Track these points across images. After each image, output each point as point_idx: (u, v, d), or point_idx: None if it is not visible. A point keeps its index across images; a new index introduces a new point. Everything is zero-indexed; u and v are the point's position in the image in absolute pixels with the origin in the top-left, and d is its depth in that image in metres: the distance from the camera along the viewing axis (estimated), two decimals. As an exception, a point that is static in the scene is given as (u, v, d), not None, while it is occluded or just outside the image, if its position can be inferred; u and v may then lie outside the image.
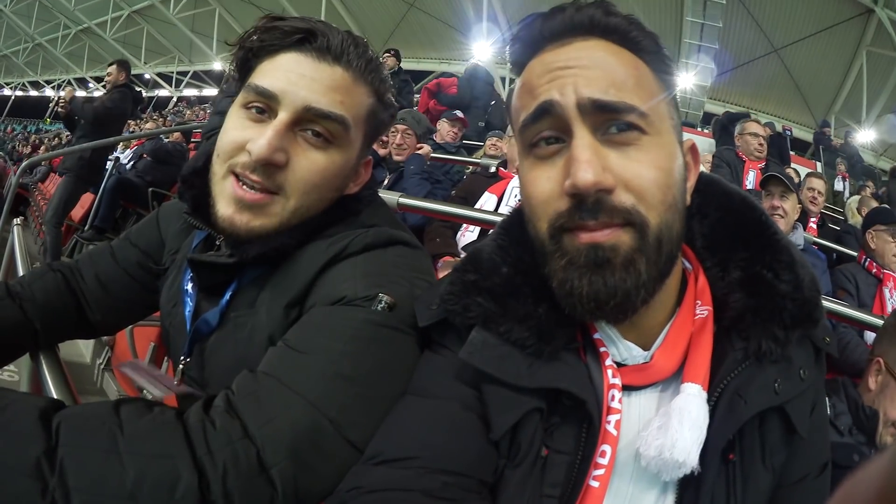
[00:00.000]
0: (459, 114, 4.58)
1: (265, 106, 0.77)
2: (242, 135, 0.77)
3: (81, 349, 3.20)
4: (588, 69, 0.60)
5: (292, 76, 0.77)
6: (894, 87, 11.32)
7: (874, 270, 2.83)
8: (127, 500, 0.53)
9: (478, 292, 0.68)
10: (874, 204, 4.59)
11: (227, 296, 0.83)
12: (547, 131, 0.62)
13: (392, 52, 6.17)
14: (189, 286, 0.88)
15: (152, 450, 0.57)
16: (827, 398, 0.83)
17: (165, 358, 2.20)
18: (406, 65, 6.65)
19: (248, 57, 0.81)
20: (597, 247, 0.58)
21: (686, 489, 0.62)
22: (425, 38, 14.87)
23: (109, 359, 2.90)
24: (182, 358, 0.87)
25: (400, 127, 3.28)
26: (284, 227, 0.79)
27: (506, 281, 0.68)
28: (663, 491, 0.64)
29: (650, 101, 0.61)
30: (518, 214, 0.73)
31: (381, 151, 3.26)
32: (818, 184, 3.89)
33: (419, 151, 3.17)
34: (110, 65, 4.88)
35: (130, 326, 1.74)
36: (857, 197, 5.43)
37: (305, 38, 0.78)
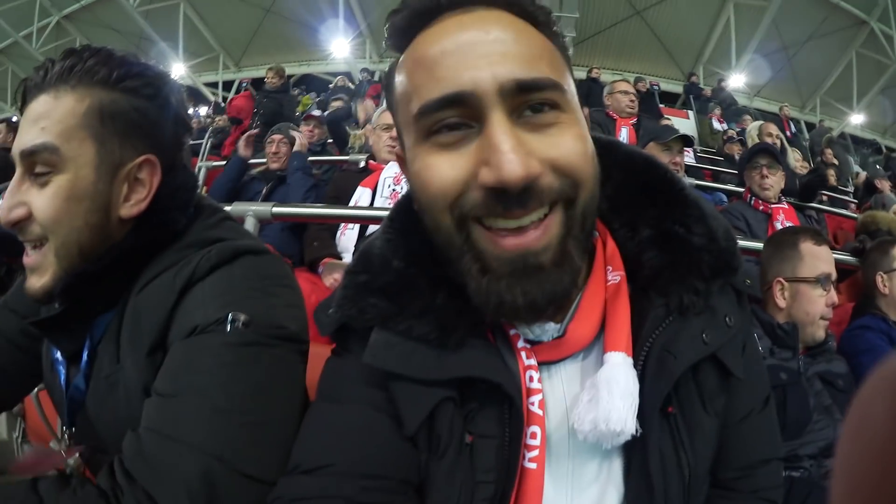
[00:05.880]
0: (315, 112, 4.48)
1: None
2: None
3: (-4, 423, 2.85)
4: (502, 44, 0.54)
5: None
6: (763, 36, 11.78)
7: (761, 207, 2.84)
8: None
9: (370, 293, 0.64)
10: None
11: (85, 356, 0.78)
12: (454, 119, 0.55)
13: (275, 71, 6.05)
14: (58, 353, 0.82)
15: None
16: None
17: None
18: (265, 72, 6.38)
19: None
20: (527, 253, 0.54)
21: (632, 451, 0.61)
22: (283, 42, 13.99)
23: (24, 429, 2.61)
24: (65, 430, 0.82)
25: (276, 137, 3.32)
26: (66, 271, 0.74)
27: (398, 276, 0.64)
28: (607, 457, 0.63)
29: (563, 76, 0.58)
30: (405, 202, 0.69)
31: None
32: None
33: (295, 148, 3.19)
34: (1, 121, 4.45)
35: (36, 393, 1.55)
36: (757, 123, 5.18)
37: (26, 88, 0.76)
